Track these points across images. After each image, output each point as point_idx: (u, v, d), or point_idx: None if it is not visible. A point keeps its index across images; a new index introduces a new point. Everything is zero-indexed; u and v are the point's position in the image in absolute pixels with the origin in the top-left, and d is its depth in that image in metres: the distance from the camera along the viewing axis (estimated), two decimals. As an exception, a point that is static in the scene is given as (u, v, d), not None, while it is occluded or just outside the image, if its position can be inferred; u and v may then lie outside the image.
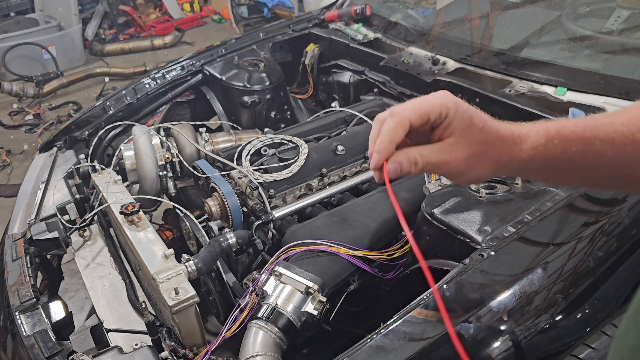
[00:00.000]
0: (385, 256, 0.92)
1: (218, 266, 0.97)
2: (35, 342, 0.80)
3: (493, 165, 0.43)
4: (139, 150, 1.20)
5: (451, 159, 0.42)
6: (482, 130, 0.42)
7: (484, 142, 0.42)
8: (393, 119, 0.41)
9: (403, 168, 0.42)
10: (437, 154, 0.42)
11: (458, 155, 0.42)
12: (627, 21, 1.13)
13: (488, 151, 0.42)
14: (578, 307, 0.72)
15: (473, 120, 0.42)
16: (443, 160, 0.42)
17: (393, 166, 0.42)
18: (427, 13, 1.60)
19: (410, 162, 0.42)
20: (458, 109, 0.42)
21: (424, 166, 0.42)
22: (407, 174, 0.42)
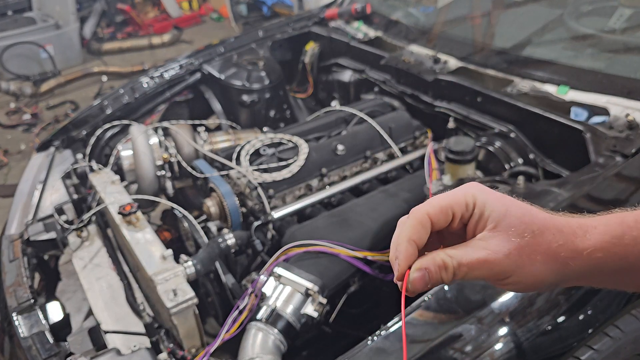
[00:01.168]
0: (386, 257, 0.91)
1: (217, 267, 0.97)
2: (33, 343, 0.80)
3: (550, 262, 0.34)
4: (137, 150, 1.19)
5: (488, 256, 0.34)
6: (523, 218, 0.34)
7: (529, 232, 0.34)
8: (411, 217, 0.35)
9: (431, 275, 0.34)
10: (469, 253, 0.34)
11: (496, 249, 0.34)
12: (630, 20, 1.12)
13: (536, 243, 0.34)
14: (580, 308, 0.71)
15: (510, 208, 0.34)
16: (479, 259, 0.34)
17: (419, 274, 0.34)
18: (428, 11, 1.59)
19: (438, 266, 0.34)
20: (488, 196, 0.35)
21: (456, 270, 0.34)
22: (438, 284, 0.34)
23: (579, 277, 0.35)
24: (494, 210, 0.35)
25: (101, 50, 4.10)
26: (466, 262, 0.34)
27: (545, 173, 1.00)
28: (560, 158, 1.00)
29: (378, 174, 1.18)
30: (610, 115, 0.95)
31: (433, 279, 0.34)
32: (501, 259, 0.34)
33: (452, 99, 1.21)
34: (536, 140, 1.03)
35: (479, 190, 0.36)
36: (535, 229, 0.34)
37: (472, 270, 0.34)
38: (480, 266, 0.34)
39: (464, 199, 0.35)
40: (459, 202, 0.35)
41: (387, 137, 1.20)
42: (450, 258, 0.34)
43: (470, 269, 0.34)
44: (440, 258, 0.34)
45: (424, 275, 0.34)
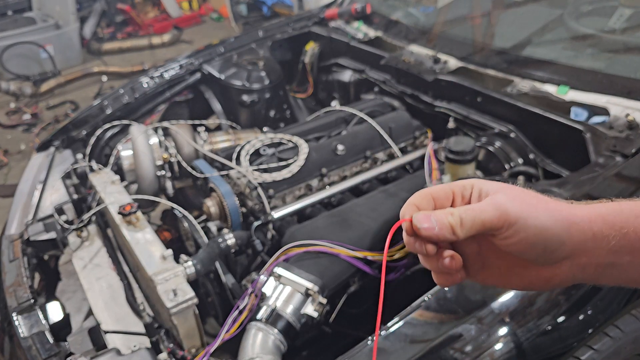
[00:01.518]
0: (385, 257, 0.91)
1: (217, 267, 0.97)
2: (33, 343, 0.80)
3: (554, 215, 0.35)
4: (137, 150, 1.19)
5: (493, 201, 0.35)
6: (522, 192, 0.36)
7: (529, 197, 0.36)
8: (413, 195, 0.38)
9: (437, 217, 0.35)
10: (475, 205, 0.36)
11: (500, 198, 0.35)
12: (630, 20, 1.12)
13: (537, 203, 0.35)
14: (580, 308, 0.71)
15: (505, 188, 0.36)
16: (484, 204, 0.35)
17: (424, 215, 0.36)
18: (428, 11, 1.59)
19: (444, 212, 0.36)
20: (485, 180, 0.38)
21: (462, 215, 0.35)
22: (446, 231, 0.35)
23: (583, 250, 0.35)
24: (492, 187, 0.37)
25: (101, 50, 4.11)
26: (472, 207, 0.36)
27: (545, 173, 1.00)
28: (560, 158, 1.00)
29: (378, 174, 1.18)
30: (610, 115, 0.95)
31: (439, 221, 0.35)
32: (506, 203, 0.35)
33: (452, 99, 1.21)
34: (536, 140, 1.03)
35: (476, 179, 0.39)
36: (535, 199, 0.36)
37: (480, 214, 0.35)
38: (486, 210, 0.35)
39: (462, 184, 0.38)
40: (457, 185, 0.38)
41: (387, 137, 1.20)
42: (457, 209, 0.36)
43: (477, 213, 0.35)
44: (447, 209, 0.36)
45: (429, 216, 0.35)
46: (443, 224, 0.35)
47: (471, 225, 0.35)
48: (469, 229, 0.35)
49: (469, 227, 0.35)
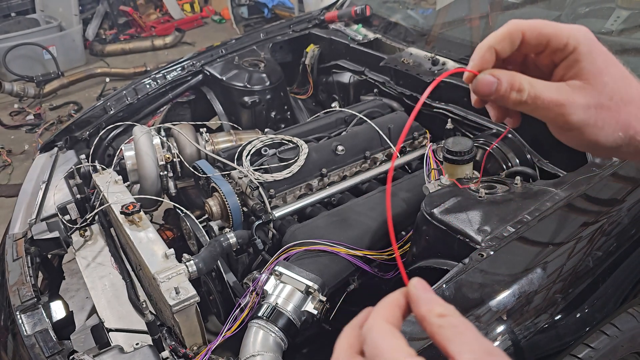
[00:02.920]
0: (385, 256, 0.92)
1: (218, 266, 0.98)
2: (36, 341, 0.81)
3: (619, 131, 0.32)
4: (140, 150, 1.20)
5: (567, 102, 0.32)
6: (619, 82, 0.32)
7: (617, 97, 0.32)
8: (506, 26, 0.32)
9: (500, 88, 0.31)
10: (551, 91, 0.32)
11: (577, 100, 0.32)
12: (627, 21, 1.13)
13: (618, 110, 0.32)
14: (577, 306, 0.72)
15: (609, 67, 0.32)
16: (556, 101, 0.31)
17: (488, 79, 0.31)
18: (427, 13, 1.60)
19: (512, 84, 0.31)
20: (592, 47, 0.32)
21: (529, 99, 0.32)
22: (503, 100, 0.32)
23: (636, 152, 0.33)
24: (593, 62, 0.32)
25: (104, 52, 4.13)
26: (544, 97, 0.32)
27: (542, 173, 1.01)
28: (557, 158, 1.00)
29: (377, 174, 1.19)
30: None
31: (500, 92, 0.32)
32: (578, 111, 0.32)
33: (450, 100, 1.22)
34: (533, 141, 1.04)
35: (585, 38, 0.32)
36: (624, 97, 0.32)
37: (545, 108, 0.32)
38: (554, 108, 0.32)
39: (566, 39, 0.32)
40: (560, 37, 0.32)
41: (386, 137, 1.22)
42: (530, 85, 0.32)
43: (544, 105, 0.32)
44: (519, 79, 0.32)
45: (492, 83, 0.32)
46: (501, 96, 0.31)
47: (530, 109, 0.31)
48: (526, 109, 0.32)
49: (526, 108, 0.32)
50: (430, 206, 0.82)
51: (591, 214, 0.79)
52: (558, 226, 0.77)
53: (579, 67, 0.32)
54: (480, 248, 0.73)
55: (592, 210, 0.80)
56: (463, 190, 0.85)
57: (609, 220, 0.77)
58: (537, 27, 0.32)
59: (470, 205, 0.81)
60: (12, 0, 4.04)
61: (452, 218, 0.78)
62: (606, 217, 0.77)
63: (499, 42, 0.32)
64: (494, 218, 0.77)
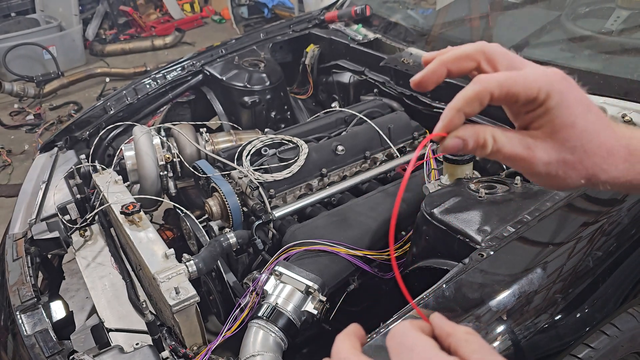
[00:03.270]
0: (385, 256, 0.92)
1: (218, 266, 0.98)
2: (36, 341, 0.81)
3: (583, 179, 0.33)
4: (140, 150, 1.20)
5: (529, 157, 0.33)
6: (584, 134, 0.33)
7: (580, 150, 0.33)
8: (473, 85, 0.33)
9: (466, 146, 0.33)
10: (513, 145, 0.33)
11: (539, 156, 0.33)
12: (627, 21, 1.13)
13: (580, 162, 0.33)
14: (577, 306, 0.72)
15: (577, 120, 0.32)
16: (518, 155, 0.33)
17: (455, 142, 0.33)
18: (427, 13, 1.60)
19: (477, 142, 0.33)
20: (563, 98, 0.32)
21: (493, 152, 0.33)
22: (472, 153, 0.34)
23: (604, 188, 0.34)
24: (560, 115, 0.33)
25: (104, 52, 4.13)
26: (505, 152, 0.33)
27: (543, 173, 1.01)
28: (558, 158, 1.00)
29: (377, 174, 1.19)
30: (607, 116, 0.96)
31: (468, 149, 0.34)
32: (539, 166, 0.33)
33: (450, 100, 1.21)
34: (534, 141, 1.04)
35: (557, 88, 0.32)
36: (589, 149, 0.33)
37: (507, 159, 0.34)
38: (516, 161, 0.34)
39: (536, 92, 0.32)
40: (529, 92, 0.32)
41: (386, 137, 1.22)
42: (494, 141, 0.33)
43: (505, 158, 0.34)
44: (483, 135, 0.33)
45: (458, 144, 0.33)
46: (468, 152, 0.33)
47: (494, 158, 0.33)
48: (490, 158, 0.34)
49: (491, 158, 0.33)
50: (430, 206, 0.82)
51: (591, 214, 0.79)
52: (558, 226, 0.77)
53: (545, 119, 0.33)
54: (480, 248, 0.73)
55: (592, 210, 0.80)
56: (463, 190, 0.85)
57: (609, 220, 0.77)
58: (505, 85, 0.33)
59: (470, 205, 0.81)
60: (12, 0, 4.05)
61: (452, 218, 0.78)
62: (606, 217, 0.77)
63: (468, 104, 0.33)
64: (494, 218, 0.77)
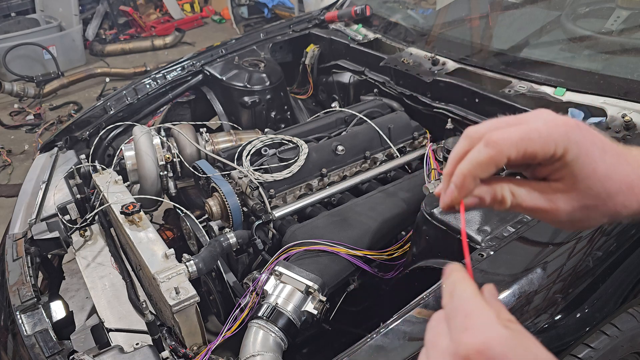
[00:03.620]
0: (385, 256, 0.92)
1: (218, 266, 0.98)
2: (36, 341, 0.81)
3: (605, 218, 0.33)
4: (140, 150, 1.20)
5: (551, 209, 0.32)
6: (605, 178, 0.31)
7: (605, 195, 0.32)
8: (487, 149, 0.31)
9: (483, 203, 0.32)
10: (534, 199, 0.32)
11: (561, 206, 0.32)
12: (627, 21, 1.13)
13: (605, 204, 0.32)
14: (577, 306, 0.72)
15: (598, 169, 0.31)
16: (540, 208, 0.32)
17: (473, 201, 0.32)
18: (427, 13, 1.60)
19: (495, 199, 0.32)
20: (580, 149, 0.31)
21: (512, 207, 0.32)
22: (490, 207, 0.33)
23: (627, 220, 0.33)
24: (580, 167, 0.31)
25: (104, 52, 4.13)
26: (526, 205, 0.32)
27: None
28: (558, 158, 1.00)
29: (377, 174, 1.19)
30: (607, 116, 0.96)
31: (485, 205, 0.32)
32: (562, 215, 0.32)
33: (450, 100, 1.22)
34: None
35: (575, 140, 0.31)
36: (611, 190, 0.32)
37: (527, 212, 0.33)
38: (537, 213, 0.33)
39: (553, 148, 0.31)
40: (547, 149, 0.31)
41: (386, 137, 1.22)
42: (512, 196, 0.32)
43: (528, 211, 0.33)
44: (500, 191, 0.32)
45: (475, 202, 0.32)
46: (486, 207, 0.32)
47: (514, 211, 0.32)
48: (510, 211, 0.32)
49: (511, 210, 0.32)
50: (430, 206, 0.82)
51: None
52: (558, 226, 0.76)
53: (565, 171, 0.32)
54: (480, 248, 0.73)
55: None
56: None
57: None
58: (522, 146, 0.31)
59: (470, 205, 0.80)
60: (12, 0, 4.05)
61: (452, 218, 0.78)
62: (606, 217, 0.77)
63: (483, 170, 0.31)
64: (494, 218, 0.77)
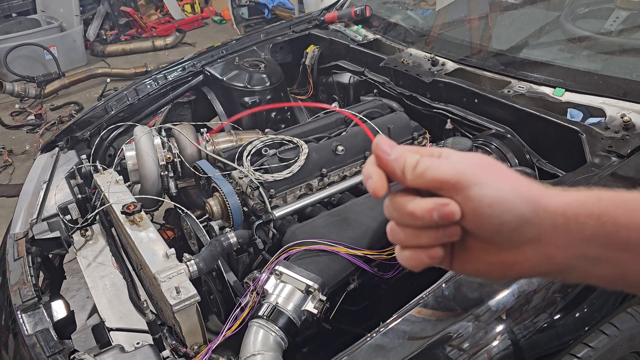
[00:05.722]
0: (384, 256, 0.93)
1: (219, 265, 0.98)
2: (37, 341, 0.81)
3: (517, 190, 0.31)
4: (141, 150, 1.21)
5: (446, 164, 0.32)
6: (491, 161, 0.31)
7: (495, 167, 0.31)
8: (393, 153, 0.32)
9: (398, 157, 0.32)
10: (432, 160, 0.32)
11: (459, 162, 0.32)
12: (626, 22, 1.14)
13: (503, 174, 0.31)
14: (576, 306, 0.72)
15: (474, 153, 0.32)
16: (439, 163, 0.32)
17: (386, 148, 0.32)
18: (426, 14, 1.61)
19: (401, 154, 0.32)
20: (454, 150, 0.32)
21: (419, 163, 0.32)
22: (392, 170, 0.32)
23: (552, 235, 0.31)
24: (458, 154, 0.32)
25: (105, 52, 4.14)
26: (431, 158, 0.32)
27: (541, 173, 1.02)
28: (557, 158, 1.01)
29: (377, 174, 1.19)
30: (606, 116, 0.96)
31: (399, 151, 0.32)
32: (466, 167, 0.31)
33: (449, 100, 1.22)
34: (532, 141, 1.04)
35: (447, 149, 0.33)
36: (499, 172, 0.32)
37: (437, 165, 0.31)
38: (443, 165, 0.31)
39: (433, 150, 0.33)
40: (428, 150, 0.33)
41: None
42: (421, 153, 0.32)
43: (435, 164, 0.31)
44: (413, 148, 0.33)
45: (392, 144, 0.32)
46: (400, 156, 0.32)
47: (424, 171, 0.31)
48: (419, 176, 0.31)
49: (421, 172, 0.31)
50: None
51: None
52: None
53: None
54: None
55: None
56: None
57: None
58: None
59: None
60: (13, 1, 4.06)
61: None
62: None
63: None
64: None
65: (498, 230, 0.31)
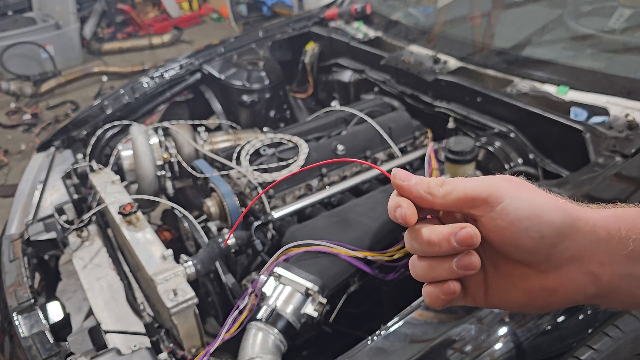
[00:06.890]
0: (385, 257, 0.92)
1: (217, 267, 0.97)
2: (33, 343, 0.80)
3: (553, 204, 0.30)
4: (137, 150, 1.19)
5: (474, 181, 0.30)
6: (521, 181, 0.30)
7: (526, 184, 0.30)
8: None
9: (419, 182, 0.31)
10: (459, 179, 0.31)
11: (488, 178, 0.30)
12: (630, 20, 1.12)
13: (535, 189, 0.30)
14: (579, 308, 0.71)
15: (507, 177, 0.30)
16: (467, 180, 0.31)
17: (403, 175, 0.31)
18: (428, 11, 1.59)
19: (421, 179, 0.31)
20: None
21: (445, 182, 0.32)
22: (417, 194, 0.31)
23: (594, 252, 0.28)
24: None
25: (101, 51, 4.11)
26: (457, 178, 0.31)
27: (545, 173, 1.01)
28: (560, 158, 1.00)
29: (378, 174, 1.18)
30: (610, 115, 0.95)
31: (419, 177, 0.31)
32: (496, 181, 0.30)
33: (451, 99, 1.21)
34: (536, 140, 1.04)
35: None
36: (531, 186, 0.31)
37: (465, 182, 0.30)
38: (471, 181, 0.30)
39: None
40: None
41: (387, 137, 1.21)
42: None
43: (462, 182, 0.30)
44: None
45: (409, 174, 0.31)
46: (421, 179, 0.30)
47: (452, 189, 0.29)
48: (448, 193, 0.29)
49: (449, 190, 0.29)
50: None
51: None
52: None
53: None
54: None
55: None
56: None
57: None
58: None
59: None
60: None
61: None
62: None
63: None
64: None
65: (537, 246, 0.29)
